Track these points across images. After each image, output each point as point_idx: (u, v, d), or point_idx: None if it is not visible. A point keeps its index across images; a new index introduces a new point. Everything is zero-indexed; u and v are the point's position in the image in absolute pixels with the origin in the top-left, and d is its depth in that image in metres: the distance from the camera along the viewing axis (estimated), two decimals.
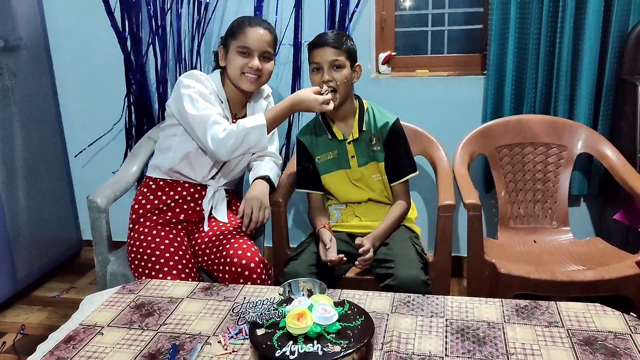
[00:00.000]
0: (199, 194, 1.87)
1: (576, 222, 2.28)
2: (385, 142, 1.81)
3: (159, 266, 1.69)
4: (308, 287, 1.34)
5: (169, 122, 1.86)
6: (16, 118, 2.45)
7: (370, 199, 1.86)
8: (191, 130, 1.75)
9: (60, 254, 2.79)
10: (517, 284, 1.75)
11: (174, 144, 1.83)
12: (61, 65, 2.68)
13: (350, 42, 1.77)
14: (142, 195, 1.87)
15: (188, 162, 1.83)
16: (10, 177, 2.42)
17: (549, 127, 2.15)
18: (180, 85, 1.76)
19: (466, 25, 2.46)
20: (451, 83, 2.36)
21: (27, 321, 2.34)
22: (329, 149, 1.85)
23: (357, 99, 1.84)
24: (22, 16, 2.46)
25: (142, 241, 1.76)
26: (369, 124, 1.82)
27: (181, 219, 1.85)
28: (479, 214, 1.80)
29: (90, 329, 1.29)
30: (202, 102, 1.72)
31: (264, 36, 1.77)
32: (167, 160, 1.85)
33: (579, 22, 2.08)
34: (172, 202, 1.85)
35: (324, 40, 1.73)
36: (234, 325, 1.27)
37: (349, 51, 1.74)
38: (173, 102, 1.79)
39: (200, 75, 1.79)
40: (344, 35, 1.76)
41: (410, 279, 1.59)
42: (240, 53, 1.76)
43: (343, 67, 1.72)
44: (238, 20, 1.81)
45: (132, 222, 1.85)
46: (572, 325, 1.25)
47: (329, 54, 1.71)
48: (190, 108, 1.71)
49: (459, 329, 1.25)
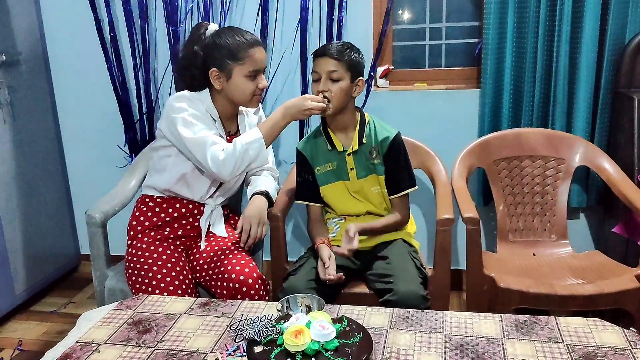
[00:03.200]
0: (197, 210, 1.87)
1: (575, 236, 2.28)
2: (385, 155, 1.80)
3: (156, 282, 1.69)
4: (306, 303, 1.34)
5: (161, 142, 1.82)
6: (15, 133, 2.45)
7: (368, 211, 1.85)
8: (189, 154, 1.71)
9: (59, 269, 2.78)
10: (517, 297, 1.74)
11: (169, 164, 1.81)
12: (60, 81, 2.69)
13: (355, 54, 1.74)
14: (140, 212, 1.86)
15: (185, 183, 1.82)
16: (9, 192, 2.42)
17: (546, 140, 2.15)
18: (171, 109, 1.72)
19: (464, 39, 2.47)
20: (449, 96, 2.37)
21: (25, 336, 2.33)
22: (329, 160, 1.84)
23: (359, 111, 1.84)
24: (22, 32, 2.48)
25: (139, 257, 1.75)
26: (370, 136, 1.81)
27: (179, 234, 1.84)
28: (478, 227, 1.80)
29: (87, 346, 1.29)
30: (197, 125, 1.69)
31: (264, 54, 1.76)
32: (162, 180, 1.83)
33: (575, 36, 2.10)
34: (169, 219, 1.84)
35: (325, 50, 1.73)
36: (231, 342, 1.26)
37: (351, 64, 1.72)
38: (165, 125, 1.75)
39: (191, 96, 1.75)
40: (348, 47, 1.74)
41: (410, 294, 1.59)
42: (249, 77, 1.72)
43: (341, 80, 1.72)
44: (232, 39, 1.71)
45: (130, 238, 1.84)
46: (572, 340, 1.24)
47: (328, 65, 1.71)
48: (185, 131, 1.68)
49: (458, 344, 1.24)
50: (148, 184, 1.89)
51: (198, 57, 1.75)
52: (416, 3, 2.49)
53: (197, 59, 1.75)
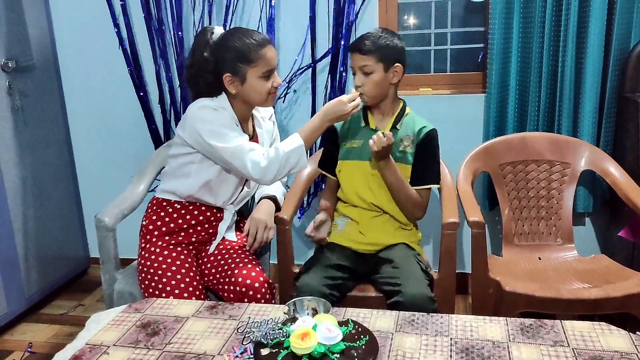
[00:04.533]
0: (214, 217, 1.86)
1: (581, 239, 2.28)
2: (419, 144, 1.82)
3: (170, 288, 1.69)
4: (313, 306, 1.35)
5: (182, 150, 1.78)
6: (26, 137, 2.48)
7: (373, 203, 1.85)
8: (225, 163, 1.70)
9: (68, 272, 2.81)
10: (522, 301, 1.74)
11: (193, 171, 1.78)
12: (70, 86, 2.72)
13: (385, 42, 1.73)
14: (157, 216, 1.83)
15: (209, 189, 1.80)
16: (20, 196, 2.45)
17: (552, 144, 2.16)
18: (196, 119, 1.69)
19: (468, 44, 2.48)
20: (453, 101, 2.39)
21: (35, 339, 2.35)
22: (357, 137, 1.87)
23: (401, 102, 1.87)
24: (33, 38, 2.51)
25: (153, 261, 1.75)
26: (406, 125, 1.84)
27: (192, 240, 1.84)
28: (483, 231, 1.81)
29: (96, 349, 1.30)
30: (229, 134, 1.67)
31: (275, 52, 1.74)
32: (185, 186, 1.80)
33: (581, 41, 2.11)
34: (186, 225, 1.82)
35: (354, 45, 1.77)
36: (239, 345, 1.27)
37: (382, 54, 1.73)
38: (189, 134, 1.71)
39: (215, 105, 1.72)
40: (379, 36, 1.74)
41: (418, 296, 1.60)
42: (264, 78, 1.70)
43: (373, 72, 1.74)
44: (241, 41, 1.69)
45: (144, 241, 1.82)
46: (578, 344, 1.24)
47: (358, 60, 1.75)
48: (218, 142, 1.66)
49: (463, 348, 1.25)
50: (167, 188, 1.85)
51: (209, 63, 1.72)
52: (421, 9, 2.51)
53: (208, 64, 1.73)
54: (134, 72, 2.53)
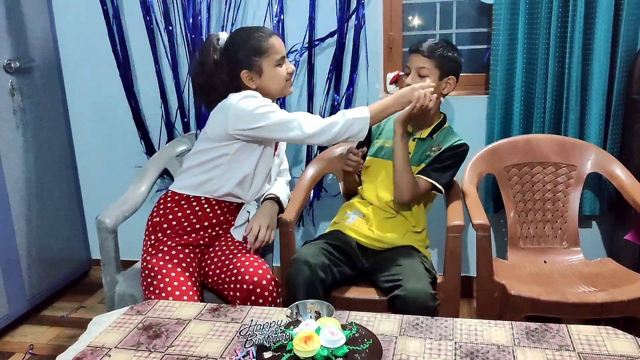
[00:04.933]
0: (231, 214, 1.88)
1: (587, 243, 2.26)
2: (444, 150, 1.86)
3: (171, 288, 1.66)
4: (316, 309, 1.33)
5: (212, 144, 1.78)
6: (28, 138, 2.48)
7: (389, 205, 1.87)
8: (278, 134, 1.73)
9: (70, 274, 2.80)
10: (528, 305, 1.73)
11: (225, 163, 1.78)
12: (72, 87, 2.71)
13: (448, 53, 1.80)
14: (172, 213, 1.81)
15: (244, 184, 1.82)
16: (21, 197, 2.44)
17: (557, 146, 2.14)
18: (237, 111, 1.71)
19: (474, 45, 2.47)
20: (458, 102, 2.37)
21: (36, 340, 2.34)
22: (391, 137, 1.88)
23: (443, 116, 1.92)
24: (35, 38, 2.51)
25: (157, 258, 1.73)
26: (441, 136, 1.89)
27: (200, 243, 1.82)
28: (488, 234, 1.79)
29: (98, 351, 1.29)
30: (273, 109, 1.73)
31: (281, 41, 1.83)
32: (218, 182, 1.80)
33: (587, 42, 2.09)
34: (199, 225, 1.81)
35: (417, 46, 1.82)
36: (241, 348, 1.26)
37: (441, 61, 1.79)
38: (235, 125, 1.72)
39: (246, 92, 1.77)
40: (442, 45, 1.81)
41: (418, 291, 1.60)
42: (278, 65, 1.79)
43: (428, 76, 1.79)
44: (250, 37, 1.78)
45: (154, 238, 1.79)
46: (584, 348, 1.23)
47: (417, 61, 1.81)
48: (265, 121, 1.70)
49: (468, 352, 1.23)
50: (189, 184, 1.83)
51: (222, 66, 1.80)
52: (426, 9, 2.49)
53: (221, 67, 1.80)
54: (125, 75, 2.55)
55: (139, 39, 2.52)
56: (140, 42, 2.52)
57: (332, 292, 1.77)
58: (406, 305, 1.56)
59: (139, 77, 2.59)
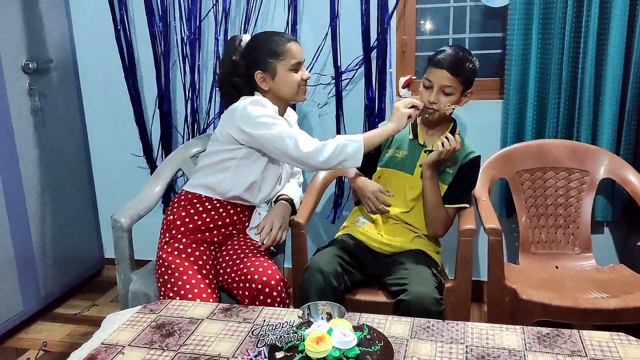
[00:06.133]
0: (238, 219, 1.89)
1: (599, 249, 2.25)
2: (462, 167, 1.85)
3: (185, 291, 1.69)
4: (327, 311, 1.34)
5: (224, 146, 1.80)
6: (45, 138, 2.51)
7: (398, 216, 1.87)
8: (275, 150, 1.71)
9: (83, 272, 2.83)
10: (539, 310, 1.72)
11: (232, 166, 1.80)
12: (88, 87, 2.75)
13: (471, 66, 1.76)
14: (185, 211, 1.83)
15: (251, 189, 1.82)
16: (37, 196, 2.48)
17: (570, 152, 2.13)
18: (246, 112, 1.72)
19: (486, 49, 2.47)
20: (471, 107, 2.35)
21: (49, 338, 2.37)
22: (402, 148, 1.89)
23: (453, 121, 1.89)
24: (53, 39, 2.54)
25: (172, 260, 1.74)
26: None
27: (215, 240, 1.85)
28: (500, 238, 1.79)
29: (112, 348, 1.31)
30: (277, 122, 1.72)
31: (300, 47, 1.84)
32: (226, 184, 1.81)
33: (601, 47, 2.08)
34: (213, 224, 1.83)
35: (444, 63, 1.74)
36: (253, 347, 1.27)
37: (467, 77, 1.76)
38: (237, 129, 1.73)
39: (256, 98, 1.78)
40: (466, 59, 1.75)
41: (424, 296, 1.61)
42: (293, 70, 1.80)
43: (452, 94, 1.76)
44: (268, 39, 1.80)
45: (169, 236, 1.81)
46: (596, 354, 1.23)
47: (444, 79, 1.74)
48: (267, 131, 1.69)
49: (479, 356, 1.23)
50: (201, 183, 1.85)
51: (240, 67, 1.83)
52: (439, 14, 2.50)
53: (239, 68, 1.83)
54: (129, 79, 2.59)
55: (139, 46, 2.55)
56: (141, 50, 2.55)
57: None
58: (410, 309, 1.57)
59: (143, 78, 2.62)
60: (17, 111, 2.34)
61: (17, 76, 2.34)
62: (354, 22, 2.34)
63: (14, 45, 2.31)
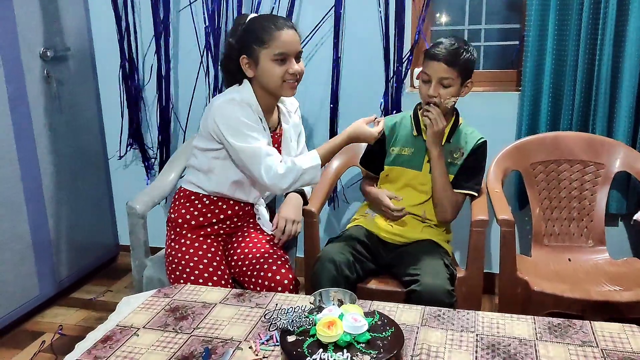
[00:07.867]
0: (243, 211, 1.87)
1: (613, 242, 2.23)
2: (469, 155, 1.85)
3: (197, 279, 1.70)
4: (339, 297, 1.35)
5: (207, 144, 1.75)
6: (62, 125, 2.54)
7: (408, 211, 1.86)
8: (240, 162, 1.68)
9: (98, 258, 2.87)
10: (550, 302, 1.72)
11: (217, 167, 1.76)
12: (105, 75, 2.77)
13: (468, 55, 1.73)
14: (185, 209, 1.82)
15: (240, 187, 1.79)
16: (54, 182, 2.51)
17: (586, 144, 2.12)
18: (218, 112, 1.66)
19: (502, 41, 2.45)
20: (487, 99, 2.36)
21: (65, 322, 2.41)
22: (407, 145, 1.88)
23: (455, 113, 1.88)
24: (71, 28, 2.57)
25: (182, 252, 1.76)
26: (458, 137, 1.86)
27: (221, 232, 1.85)
28: (512, 230, 1.79)
29: (127, 330, 1.33)
30: (249, 134, 1.64)
31: (294, 37, 1.67)
32: (212, 183, 1.79)
33: (618, 39, 2.06)
34: (215, 219, 1.82)
35: (439, 54, 1.71)
36: (265, 332, 1.29)
37: (464, 67, 1.73)
38: (211, 127, 1.69)
39: (240, 99, 1.68)
40: (462, 48, 1.72)
41: (436, 287, 1.61)
42: (276, 61, 1.65)
43: (451, 86, 1.74)
44: (259, 23, 1.67)
45: (174, 233, 1.82)
46: (607, 345, 1.22)
47: (441, 71, 1.72)
48: (236, 140, 1.64)
49: (489, 344, 1.24)
50: (193, 181, 1.82)
51: (234, 50, 1.72)
52: (455, 5, 2.48)
53: (232, 51, 1.72)
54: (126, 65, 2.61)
55: None
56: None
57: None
58: (422, 300, 1.56)
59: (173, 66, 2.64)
60: (34, 98, 2.37)
61: (35, 64, 2.37)
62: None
63: (32, 33, 2.34)
